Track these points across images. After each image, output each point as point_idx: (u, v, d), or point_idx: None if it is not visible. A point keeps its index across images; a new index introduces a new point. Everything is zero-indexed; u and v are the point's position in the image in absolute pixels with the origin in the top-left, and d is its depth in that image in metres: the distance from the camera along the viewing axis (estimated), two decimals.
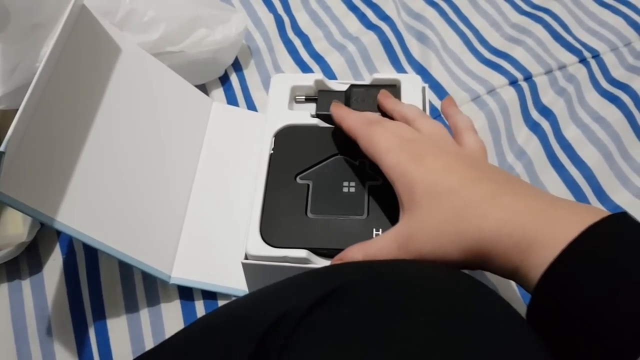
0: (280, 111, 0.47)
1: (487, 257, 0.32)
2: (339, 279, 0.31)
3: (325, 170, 0.44)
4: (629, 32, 0.64)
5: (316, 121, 0.47)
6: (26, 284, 0.48)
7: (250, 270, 0.42)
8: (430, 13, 0.67)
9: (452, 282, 0.31)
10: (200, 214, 0.50)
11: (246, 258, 0.41)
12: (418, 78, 0.48)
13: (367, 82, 0.48)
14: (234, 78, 0.61)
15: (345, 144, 0.44)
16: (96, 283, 0.48)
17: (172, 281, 0.47)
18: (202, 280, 0.47)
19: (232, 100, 0.60)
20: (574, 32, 0.64)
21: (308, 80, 0.49)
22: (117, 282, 0.48)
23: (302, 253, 0.40)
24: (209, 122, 0.55)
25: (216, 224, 0.50)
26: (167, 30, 0.54)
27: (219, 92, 0.60)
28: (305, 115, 0.47)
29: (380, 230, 0.40)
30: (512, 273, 0.31)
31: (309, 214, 0.41)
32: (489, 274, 0.48)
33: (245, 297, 0.35)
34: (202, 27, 0.56)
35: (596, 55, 0.62)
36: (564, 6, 0.67)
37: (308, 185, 0.43)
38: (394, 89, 0.47)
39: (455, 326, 0.28)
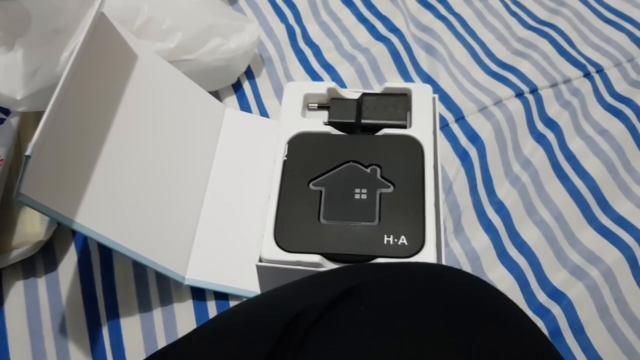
0: (294, 118, 0.48)
1: None
2: (356, 278, 0.32)
3: (338, 176, 0.45)
4: (633, 48, 0.65)
5: (329, 128, 0.47)
6: (42, 282, 0.49)
7: (264, 272, 0.43)
8: (439, 26, 0.68)
9: (468, 284, 0.32)
10: (214, 217, 0.51)
11: (260, 261, 0.42)
12: (428, 87, 0.49)
13: (378, 91, 0.49)
14: (246, 86, 0.63)
15: (357, 151, 0.45)
16: (110, 282, 0.49)
17: (186, 282, 0.48)
18: (216, 282, 0.48)
19: (245, 107, 0.61)
20: (578, 48, 0.66)
21: (321, 89, 0.50)
22: (131, 281, 0.49)
23: (314, 258, 0.41)
24: (222, 128, 0.56)
25: (229, 227, 0.51)
26: (184, 38, 0.55)
27: (232, 100, 0.62)
28: (318, 122, 0.48)
29: (391, 236, 0.41)
30: None
31: (322, 220, 0.42)
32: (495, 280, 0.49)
33: (262, 295, 0.35)
34: (217, 36, 0.58)
35: (600, 70, 0.64)
36: (569, 22, 0.68)
37: (321, 191, 0.44)
38: (404, 97, 0.48)
39: (472, 327, 0.28)
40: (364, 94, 0.49)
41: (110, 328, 0.47)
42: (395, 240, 0.41)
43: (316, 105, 0.50)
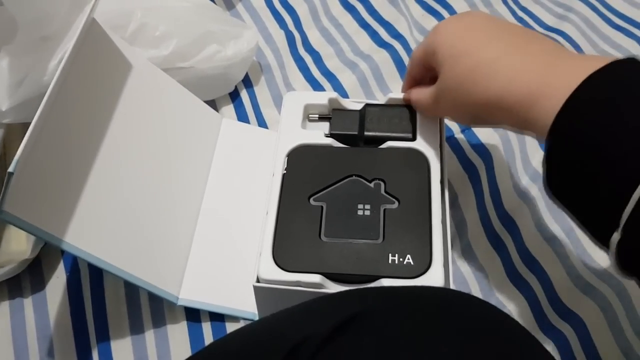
0: (293, 130, 0.46)
1: (496, 115, 0.35)
2: (356, 305, 0.31)
3: (340, 191, 0.43)
4: None
5: (330, 141, 0.46)
6: (28, 303, 0.47)
7: (262, 293, 0.41)
8: None
9: (478, 312, 0.31)
10: (210, 233, 0.49)
11: (258, 281, 0.40)
12: None
13: (381, 101, 0.48)
14: (244, 94, 0.61)
15: (360, 165, 0.43)
16: (101, 302, 0.47)
17: (179, 302, 0.45)
18: (211, 302, 0.46)
19: (242, 117, 0.59)
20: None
21: (322, 99, 0.48)
22: (122, 301, 0.47)
23: (315, 278, 0.39)
24: (219, 139, 0.54)
25: (226, 243, 0.49)
26: (179, 45, 0.53)
27: (229, 109, 0.60)
28: (319, 134, 0.46)
29: (397, 255, 0.39)
30: (521, 126, 0.34)
31: (323, 237, 0.40)
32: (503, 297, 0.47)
33: (259, 322, 0.34)
34: (213, 42, 0.56)
35: None
36: (577, 28, 0.66)
37: (322, 207, 0.42)
38: (409, 109, 0.46)
39: (477, 353, 0.28)
40: (366, 105, 0.47)
41: (100, 352, 0.45)
42: (401, 259, 0.39)
43: (317, 116, 0.48)
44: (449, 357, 0.27)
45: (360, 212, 0.41)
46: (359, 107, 0.47)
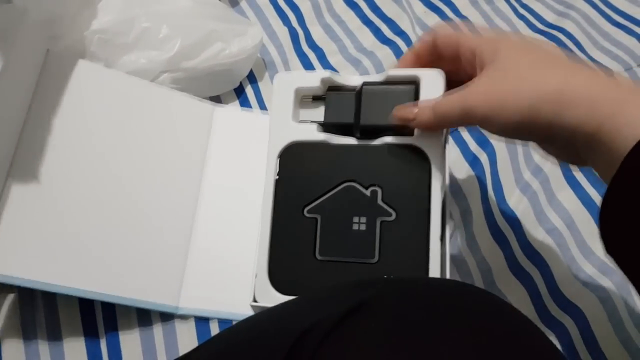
0: (285, 124, 0.43)
1: (563, 110, 0.31)
2: (364, 293, 0.31)
3: (335, 202, 0.40)
4: None
5: (323, 136, 0.42)
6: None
7: (259, 311, 0.40)
8: None
9: (479, 300, 0.31)
10: (207, 238, 0.49)
11: (255, 300, 0.40)
12: (441, 72, 0.40)
13: (380, 78, 0.42)
14: (249, 90, 0.61)
15: (356, 167, 0.41)
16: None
17: (180, 312, 0.46)
18: (213, 309, 0.46)
19: None
20: (588, 52, 0.64)
21: (314, 80, 0.43)
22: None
23: None
24: (213, 132, 0.54)
25: (223, 247, 0.49)
26: (183, 45, 0.54)
27: (234, 105, 0.60)
28: (311, 129, 0.42)
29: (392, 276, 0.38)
30: (593, 130, 0.30)
31: (318, 256, 0.39)
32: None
33: (267, 312, 0.34)
34: (218, 41, 0.56)
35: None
36: (577, 25, 0.67)
37: (316, 219, 0.40)
38: (412, 88, 0.40)
39: (483, 344, 0.28)
40: (364, 84, 0.42)
41: (108, 341, 0.46)
42: None
43: (310, 98, 0.44)
44: (456, 342, 0.28)
45: (355, 227, 0.39)
46: (355, 82, 0.43)
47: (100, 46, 0.51)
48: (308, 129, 0.42)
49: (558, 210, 0.52)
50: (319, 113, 0.43)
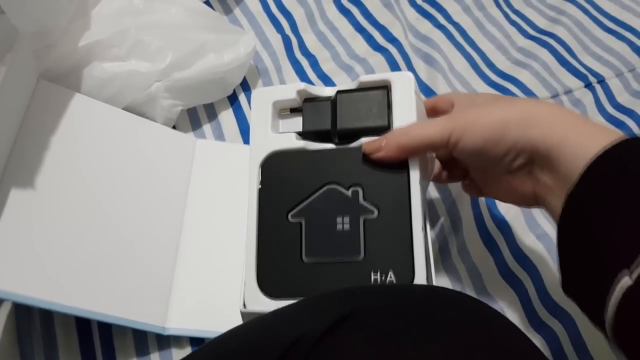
0: (265, 136, 0.43)
1: (529, 127, 0.35)
2: (353, 302, 0.31)
3: (317, 204, 0.41)
4: (634, 58, 0.64)
5: (303, 143, 0.43)
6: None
7: (249, 318, 0.40)
8: (438, 36, 0.67)
9: (460, 304, 0.32)
10: (192, 259, 0.50)
11: (245, 307, 0.40)
12: (409, 75, 0.42)
13: (353, 85, 0.44)
14: (242, 98, 0.62)
15: (336, 170, 0.42)
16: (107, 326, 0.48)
17: (167, 332, 0.46)
18: (200, 328, 0.47)
19: (241, 119, 0.60)
20: (579, 57, 0.65)
21: (290, 93, 0.44)
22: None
23: None
24: (195, 163, 0.55)
25: (210, 268, 0.50)
26: (175, 57, 0.54)
27: (228, 112, 0.61)
28: (290, 138, 0.43)
29: (379, 272, 0.39)
30: (557, 142, 0.34)
31: (304, 258, 0.40)
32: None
33: (255, 321, 0.34)
34: (210, 52, 0.57)
35: (601, 81, 0.63)
36: (569, 31, 0.67)
37: (301, 223, 0.41)
38: (384, 92, 0.42)
39: (469, 351, 0.28)
40: (338, 92, 0.43)
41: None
42: (383, 276, 0.38)
43: (288, 110, 0.45)
44: (441, 351, 0.28)
45: (339, 227, 0.40)
46: (329, 92, 0.44)
47: (92, 57, 0.51)
48: (287, 138, 0.43)
49: (548, 216, 0.52)
50: (297, 123, 0.44)
